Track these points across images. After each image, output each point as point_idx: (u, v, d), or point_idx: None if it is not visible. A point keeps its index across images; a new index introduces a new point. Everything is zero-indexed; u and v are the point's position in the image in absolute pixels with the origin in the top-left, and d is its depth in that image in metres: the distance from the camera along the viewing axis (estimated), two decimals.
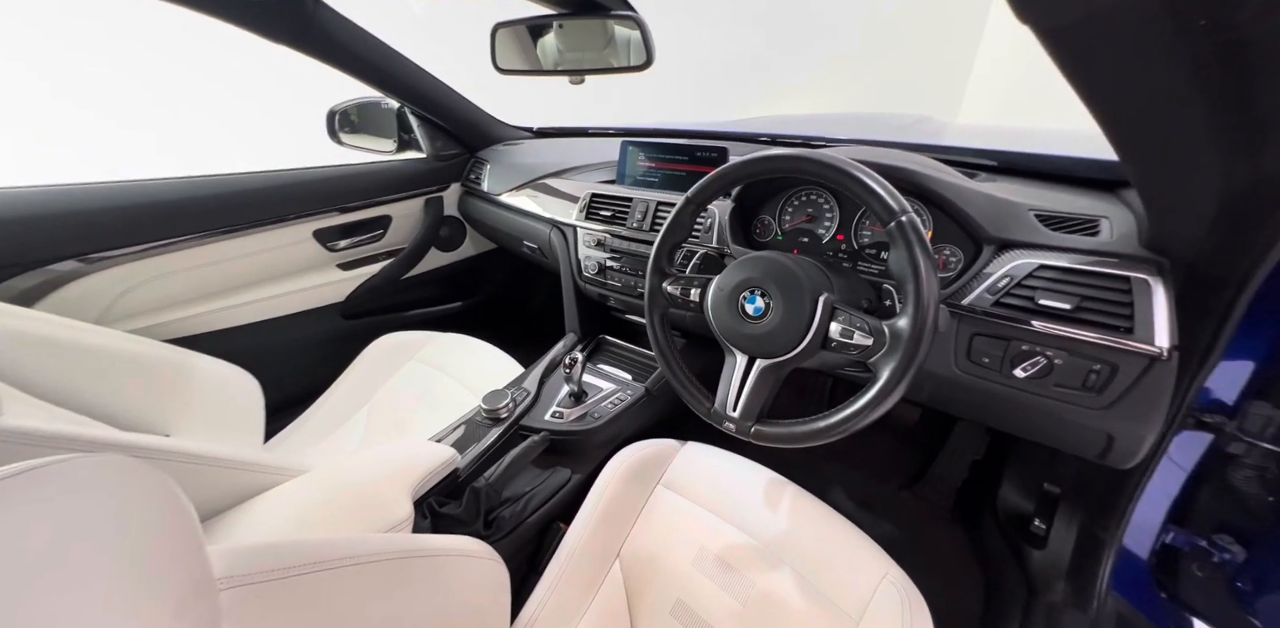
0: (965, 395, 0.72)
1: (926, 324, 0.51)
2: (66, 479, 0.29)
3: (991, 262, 0.65)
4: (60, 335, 0.76)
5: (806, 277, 0.60)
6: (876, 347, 0.54)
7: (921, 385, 0.75)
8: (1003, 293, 0.62)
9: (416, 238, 1.41)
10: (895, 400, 0.54)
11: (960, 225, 0.69)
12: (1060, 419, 0.64)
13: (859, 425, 0.56)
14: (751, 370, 0.64)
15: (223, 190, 1.10)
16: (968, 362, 0.67)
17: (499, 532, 0.81)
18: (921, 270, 0.52)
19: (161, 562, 0.31)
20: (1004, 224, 0.65)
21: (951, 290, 0.66)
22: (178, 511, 0.33)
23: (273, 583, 0.40)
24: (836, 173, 0.57)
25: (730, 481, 0.79)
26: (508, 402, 0.94)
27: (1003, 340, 0.63)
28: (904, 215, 0.52)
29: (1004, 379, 0.64)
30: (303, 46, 0.98)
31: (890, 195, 0.54)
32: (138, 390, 0.80)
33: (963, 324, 0.66)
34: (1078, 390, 0.59)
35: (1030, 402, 0.64)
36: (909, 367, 0.52)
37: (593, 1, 0.73)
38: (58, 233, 0.94)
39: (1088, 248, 0.60)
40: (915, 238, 0.52)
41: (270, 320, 1.24)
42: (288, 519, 0.61)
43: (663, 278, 0.73)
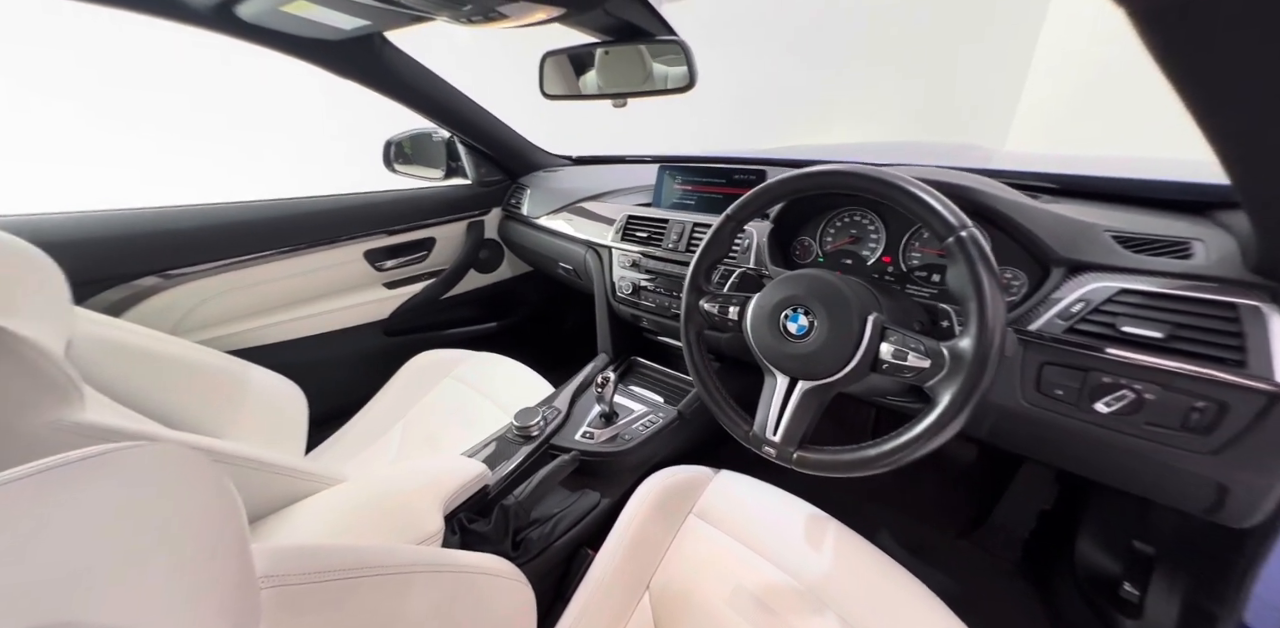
0: (1034, 431, 0.66)
1: (993, 346, 0.47)
2: (137, 464, 0.30)
3: (1061, 285, 0.60)
4: (139, 344, 0.82)
5: (854, 295, 0.58)
6: (934, 369, 0.51)
7: (982, 418, 0.70)
8: (1076, 319, 0.58)
9: (457, 259, 1.47)
10: (956, 429, 0.50)
11: (1024, 246, 0.65)
12: (1155, 463, 0.57)
13: (913, 456, 0.52)
14: (794, 393, 0.61)
15: (285, 213, 1.18)
16: (1037, 393, 0.62)
17: (526, 554, 0.80)
18: (985, 287, 0.48)
19: (211, 553, 0.32)
20: (1074, 245, 0.61)
21: (1015, 315, 0.62)
22: (230, 505, 0.35)
23: (309, 586, 0.40)
24: (889, 187, 0.54)
25: (768, 514, 0.75)
26: (539, 420, 0.94)
27: (1079, 371, 0.58)
28: (964, 230, 0.50)
29: (1082, 414, 0.58)
30: (370, 82, 1.07)
31: (948, 209, 0.51)
32: (199, 397, 0.85)
33: (1030, 352, 0.62)
34: (1176, 431, 0.53)
35: (1116, 441, 0.58)
36: (972, 392, 0.48)
37: (636, 28, 0.77)
38: (143, 251, 1.02)
39: (1179, 271, 0.54)
40: (977, 253, 0.49)
41: (319, 335, 1.30)
42: (325, 525, 0.63)
43: (700, 296, 0.72)
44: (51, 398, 0.50)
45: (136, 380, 0.78)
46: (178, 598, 0.28)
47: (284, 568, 0.40)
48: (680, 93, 0.83)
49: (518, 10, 0.56)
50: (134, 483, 0.30)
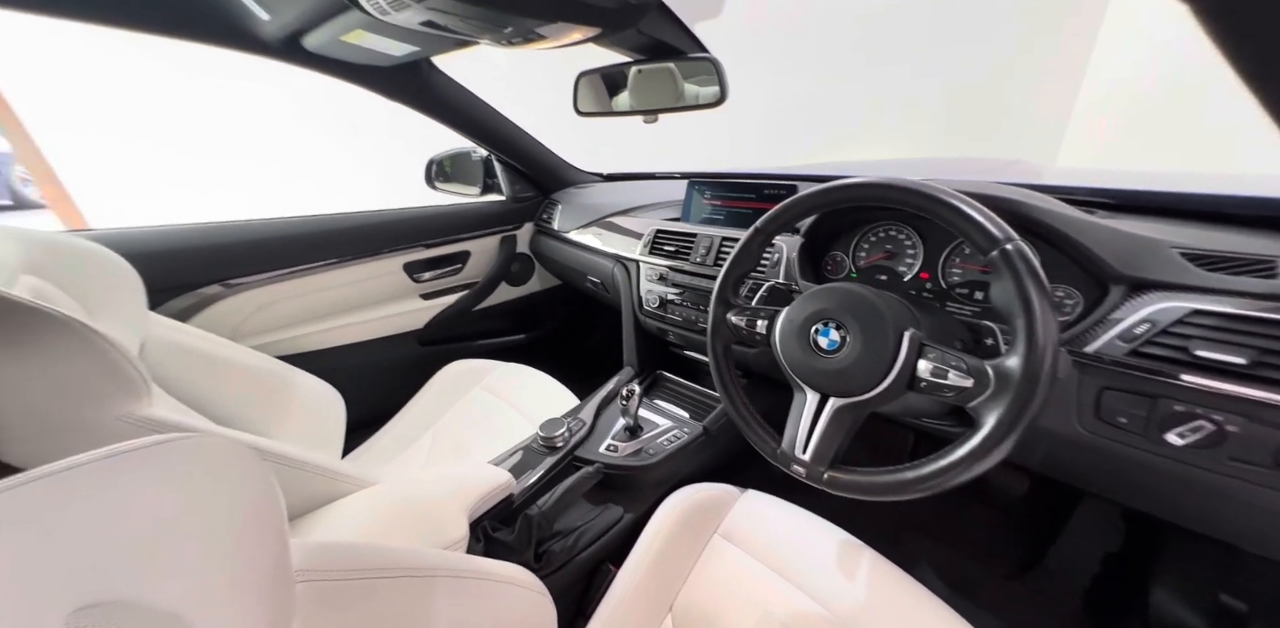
0: (1095, 462, 0.62)
1: (1044, 365, 0.44)
2: (190, 454, 0.32)
3: (1122, 304, 0.56)
4: (202, 347, 0.87)
5: (888, 309, 0.56)
6: (978, 389, 0.48)
7: (1034, 446, 0.65)
8: (1141, 341, 0.53)
9: (490, 272, 1.52)
10: (1002, 455, 0.47)
11: (1078, 263, 0.61)
12: (1243, 505, 0.52)
13: (954, 482, 0.49)
14: (824, 410, 0.59)
15: (334, 227, 1.25)
16: (1097, 421, 0.57)
17: (548, 566, 0.79)
18: (1034, 302, 0.45)
19: (254, 543, 0.33)
20: (1136, 261, 0.57)
21: (1069, 335, 0.59)
22: (272, 500, 0.36)
23: (340, 583, 0.41)
24: (927, 200, 0.52)
25: (797, 537, 0.72)
26: (563, 431, 0.95)
27: (1146, 398, 0.54)
28: (1009, 243, 0.47)
29: (1152, 446, 0.54)
30: (418, 105, 1.14)
31: (991, 221, 0.49)
32: (250, 398, 0.89)
33: (1087, 375, 0.58)
34: (1269, 469, 0.48)
35: (1195, 478, 0.53)
36: (1021, 414, 0.45)
37: (668, 46, 0.79)
38: (208, 262, 1.10)
39: (1264, 292, 0.50)
40: (1024, 267, 0.46)
41: (358, 343, 1.35)
42: (356, 526, 0.64)
43: (727, 308, 0.71)
44: (124, 393, 0.54)
45: (198, 381, 0.83)
46: (221, 584, 0.30)
47: (319, 563, 0.41)
48: (711, 108, 0.84)
49: (555, 31, 0.60)
50: (186, 472, 0.32)
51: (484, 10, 0.51)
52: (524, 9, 0.53)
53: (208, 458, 0.34)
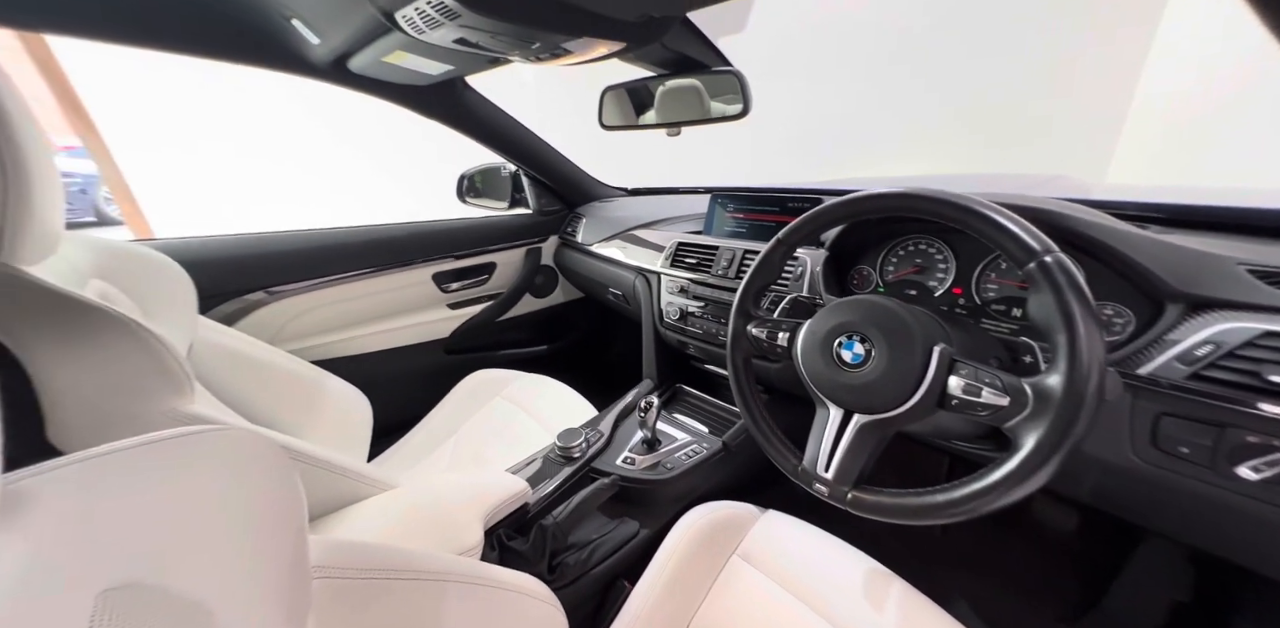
0: (1153, 496, 0.57)
1: (1088, 383, 0.41)
2: (220, 446, 0.34)
3: (1180, 324, 0.53)
4: (245, 350, 0.92)
5: (916, 322, 0.53)
6: (1015, 408, 0.45)
7: (1081, 476, 0.62)
8: (1204, 364, 0.50)
9: (514, 284, 1.55)
10: (1042, 480, 0.44)
11: (1127, 279, 0.58)
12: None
13: (988, 507, 0.46)
14: (848, 427, 0.57)
15: (369, 238, 1.30)
16: (1154, 450, 0.53)
17: (562, 579, 0.78)
18: (1076, 316, 0.43)
19: (274, 536, 0.34)
20: (1195, 278, 0.53)
21: (1120, 356, 0.55)
22: (294, 495, 0.37)
23: (355, 581, 0.42)
24: (958, 211, 0.50)
25: (821, 562, 0.69)
26: (581, 441, 0.95)
27: (1211, 426, 0.50)
28: (1048, 254, 0.45)
29: (1220, 480, 0.50)
30: (452, 122, 1.19)
31: (1028, 232, 0.47)
32: (285, 400, 0.93)
33: (1142, 400, 0.54)
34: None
35: (1274, 518, 0.49)
36: (1065, 436, 0.42)
37: (692, 60, 0.81)
38: (254, 270, 1.16)
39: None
40: (1065, 279, 0.44)
41: (387, 350, 1.39)
42: (375, 528, 0.65)
43: (748, 320, 0.70)
44: (170, 390, 0.57)
45: (238, 382, 0.87)
46: (243, 575, 0.31)
47: (336, 561, 0.41)
48: (735, 120, 0.85)
49: (581, 46, 0.62)
50: (215, 463, 0.33)
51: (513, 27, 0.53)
52: (550, 25, 0.55)
53: (236, 451, 0.35)
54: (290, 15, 0.74)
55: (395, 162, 3.00)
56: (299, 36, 0.81)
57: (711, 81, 0.84)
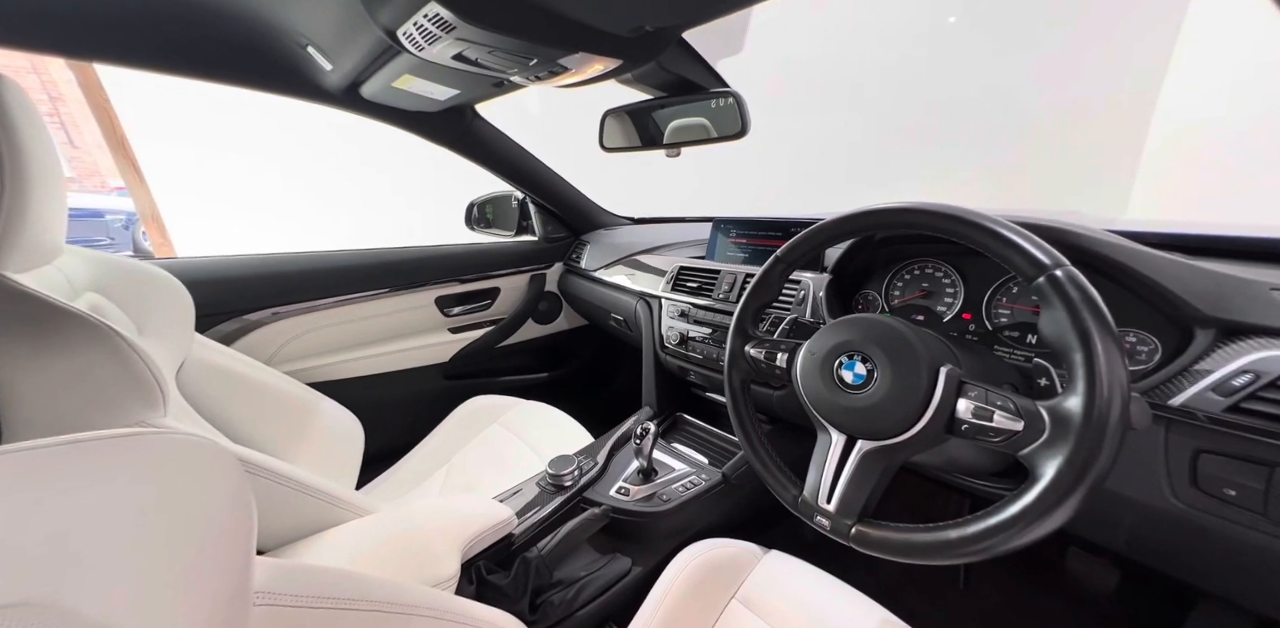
0: (1197, 546, 0.52)
1: (1111, 405, 0.38)
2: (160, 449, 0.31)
3: (1213, 352, 0.49)
4: (240, 370, 0.91)
5: (922, 342, 0.50)
6: (1031, 434, 0.41)
7: (1116, 520, 0.56)
8: (1243, 395, 0.46)
9: (517, 309, 1.54)
10: (1066, 516, 0.39)
11: (1151, 303, 0.54)
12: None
13: (1007, 546, 0.41)
14: (851, 454, 0.52)
15: (373, 260, 1.32)
16: (1194, 491, 0.49)
17: (545, 620, 0.72)
18: (1092, 332, 0.39)
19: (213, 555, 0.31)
20: (1227, 303, 0.50)
21: (1145, 386, 0.51)
22: (244, 510, 0.34)
23: (302, 610, 0.38)
24: (960, 225, 0.47)
25: (827, 610, 0.63)
26: (573, 470, 0.90)
27: (1260, 466, 0.45)
28: (1058, 269, 0.42)
29: (1276, 529, 0.45)
30: (460, 149, 1.23)
31: (1036, 245, 0.44)
32: (276, 422, 0.91)
33: (1176, 434, 0.50)
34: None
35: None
36: (1088, 466, 0.38)
37: (690, 82, 0.82)
38: (256, 290, 1.17)
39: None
40: (1078, 294, 0.40)
41: (385, 374, 1.37)
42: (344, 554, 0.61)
43: (746, 340, 0.67)
44: (141, 401, 0.55)
45: (227, 401, 0.86)
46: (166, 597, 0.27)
47: (283, 587, 0.38)
48: (734, 139, 0.86)
49: (577, 63, 0.63)
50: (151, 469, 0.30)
51: (508, 41, 0.55)
52: (544, 39, 0.57)
53: (178, 458, 0.32)
54: (305, 43, 0.78)
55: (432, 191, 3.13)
56: (314, 64, 0.85)
57: (710, 103, 0.86)
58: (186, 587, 0.28)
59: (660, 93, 0.87)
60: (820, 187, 2.95)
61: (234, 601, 0.32)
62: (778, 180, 2.92)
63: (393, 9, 0.53)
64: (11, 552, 0.23)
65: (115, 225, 5.38)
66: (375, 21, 0.57)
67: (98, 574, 0.25)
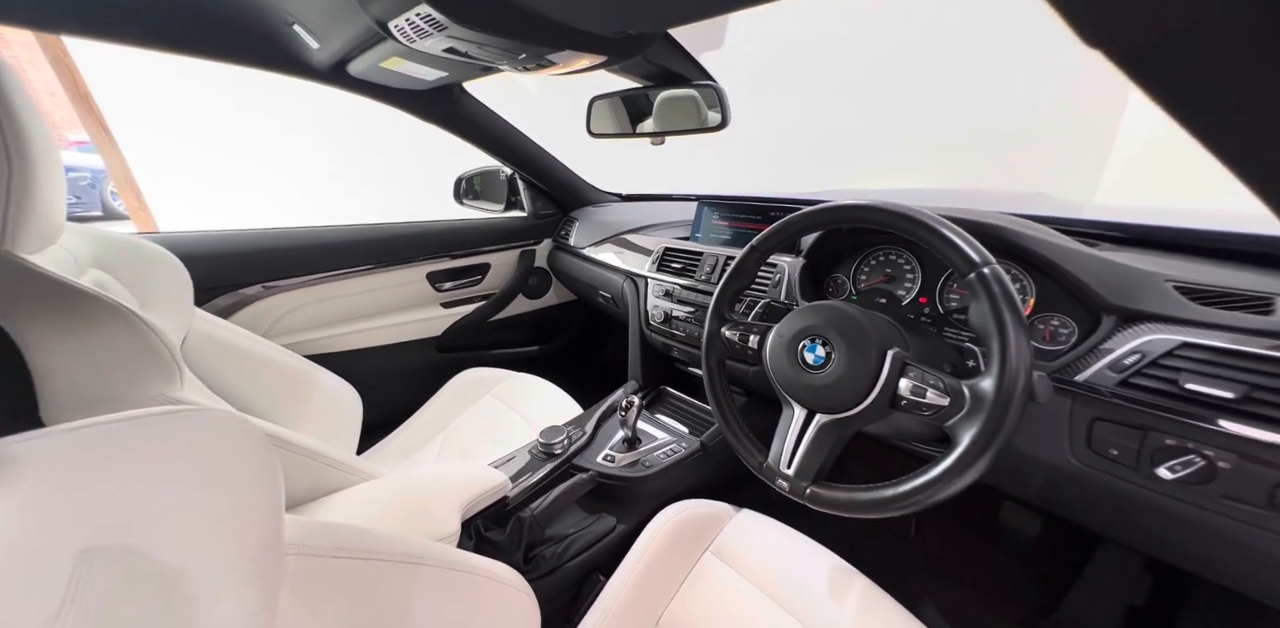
0: (1088, 495, 0.61)
1: (1016, 386, 0.46)
2: (201, 425, 0.36)
3: (1114, 335, 0.57)
4: (239, 343, 0.94)
5: (874, 327, 0.57)
6: (954, 408, 0.49)
7: (1029, 476, 0.65)
8: (1131, 372, 0.54)
9: (507, 285, 1.57)
10: (977, 474, 0.48)
11: (1070, 292, 0.62)
12: (1239, 547, 0.51)
13: (932, 500, 0.50)
14: (810, 426, 0.60)
15: (365, 236, 1.33)
16: (1089, 452, 0.57)
17: (538, 570, 0.80)
18: (1007, 324, 0.47)
19: (251, 512, 0.36)
20: (1129, 293, 0.57)
21: (1060, 364, 0.59)
22: (273, 475, 0.39)
23: (329, 560, 0.44)
24: (909, 222, 0.54)
25: (790, 560, 0.72)
26: (563, 439, 0.97)
27: (1137, 430, 0.54)
28: (986, 266, 0.49)
29: (1143, 480, 0.53)
30: (449, 126, 1.22)
31: (969, 244, 0.51)
32: (276, 392, 0.95)
33: (1079, 405, 0.58)
34: (1263, 509, 0.47)
35: (1189, 516, 0.52)
36: (995, 434, 0.46)
37: (676, 74, 0.85)
38: (251, 265, 1.19)
39: (1254, 327, 0.50)
40: (999, 289, 0.48)
41: (380, 347, 1.41)
42: (353, 515, 0.67)
43: (722, 323, 0.73)
44: (158, 375, 0.59)
45: (231, 372, 0.90)
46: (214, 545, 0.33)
47: (309, 540, 0.43)
48: (715, 131, 0.89)
49: (564, 58, 0.66)
50: (195, 441, 0.36)
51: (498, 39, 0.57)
52: (533, 39, 0.59)
53: (216, 431, 0.37)
54: (291, 21, 0.77)
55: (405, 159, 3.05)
56: (300, 41, 0.84)
57: (693, 94, 0.88)
58: (231, 537, 0.34)
59: (647, 82, 0.88)
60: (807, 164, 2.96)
61: (271, 550, 0.38)
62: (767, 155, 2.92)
63: (383, 4, 0.54)
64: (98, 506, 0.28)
65: (81, 183, 5.08)
66: (367, 12, 0.58)
67: (162, 526, 0.30)
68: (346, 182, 3.19)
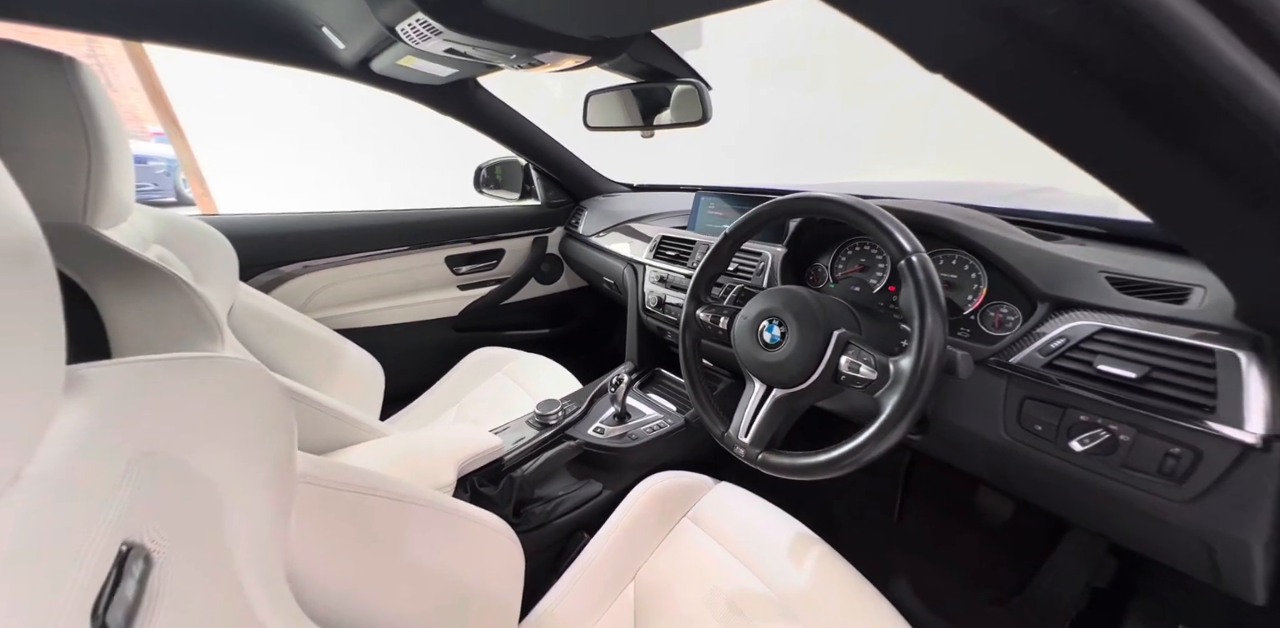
0: (1018, 468, 0.66)
1: (930, 363, 0.51)
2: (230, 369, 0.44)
3: (1046, 321, 0.61)
4: (277, 315, 1.06)
5: (823, 310, 0.63)
6: (880, 382, 0.55)
7: (973, 451, 0.70)
8: (1056, 354, 0.58)
9: (520, 270, 1.66)
10: (897, 437, 0.54)
11: (1012, 281, 0.66)
12: (1136, 512, 0.55)
13: (861, 461, 0.56)
14: (767, 399, 0.66)
15: (391, 221, 1.44)
16: (1019, 428, 0.62)
17: (527, 524, 0.89)
18: (926, 308, 0.52)
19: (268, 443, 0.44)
20: (1060, 282, 0.61)
21: (999, 347, 0.63)
22: (287, 416, 0.47)
23: (335, 491, 0.51)
24: (855, 213, 0.60)
25: (758, 527, 0.78)
26: (558, 410, 1.05)
27: (1058, 407, 0.58)
28: (914, 255, 0.54)
29: (1059, 451, 0.58)
30: (465, 118, 1.31)
31: (902, 234, 0.56)
32: (308, 361, 1.06)
33: (1013, 385, 0.62)
34: (1153, 476, 0.52)
35: (1096, 484, 0.57)
36: (910, 404, 0.52)
37: (663, 71, 0.91)
38: (291, 245, 1.31)
39: (1164, 315, 0.54)
40: (923, 277, 0.53)
41: (401, 324, 1.53)
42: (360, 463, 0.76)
43: (698, 305, 0.79)
44: (203, 336, 0.69)
45: (270, 342, 1.01)
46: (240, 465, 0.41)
47: (318, 472, 0.51)
48: (696, 125, 0.94)
49: (551, 58, 0.72)
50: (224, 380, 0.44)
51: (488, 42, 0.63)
52: (520, 41, 0.65)
53: (240, 376, 0.45)
54: (320, 24, 0.86)
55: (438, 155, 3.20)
56: (328, 42, 0.93)
57: (676, 90, 0.93)
58: (253, 460, 0.42)
59: (637, 78, 0.93)
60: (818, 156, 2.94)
61: (285, 476, 0.46)
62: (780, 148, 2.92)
63: (390, 10, 0.62)
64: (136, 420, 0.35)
65: (157, 172, 5.58)
66: (377, 17, 0.65)
67: (198, 444, 0.38)
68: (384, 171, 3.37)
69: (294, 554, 0.45)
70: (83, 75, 0.63)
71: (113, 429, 0.32)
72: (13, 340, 0.25)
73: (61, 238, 0.65)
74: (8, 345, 0.24)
